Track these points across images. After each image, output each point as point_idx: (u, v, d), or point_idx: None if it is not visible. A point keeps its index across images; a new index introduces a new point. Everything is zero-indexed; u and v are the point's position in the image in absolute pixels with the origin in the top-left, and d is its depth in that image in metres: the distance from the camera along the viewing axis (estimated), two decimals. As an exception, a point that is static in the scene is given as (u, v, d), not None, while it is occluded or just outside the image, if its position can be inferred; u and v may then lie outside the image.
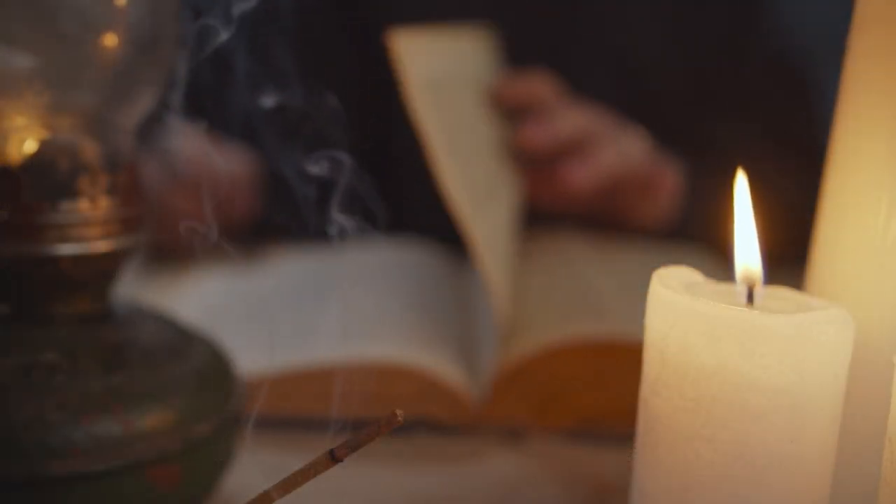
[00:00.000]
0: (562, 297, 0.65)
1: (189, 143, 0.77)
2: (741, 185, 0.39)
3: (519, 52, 0.84)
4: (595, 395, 0.57)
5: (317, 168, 0.44)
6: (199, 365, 0.45)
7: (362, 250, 0.73)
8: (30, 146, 0.43)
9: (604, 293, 0.66)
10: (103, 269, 0.44)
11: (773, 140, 0.83)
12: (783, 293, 0.39)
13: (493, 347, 0.60)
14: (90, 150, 0.43)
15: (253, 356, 0.56)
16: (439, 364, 0.57)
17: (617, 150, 0.75)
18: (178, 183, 0.75)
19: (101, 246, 0.43)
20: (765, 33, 0.95)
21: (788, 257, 0.45)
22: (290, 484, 0.33)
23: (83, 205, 0.42)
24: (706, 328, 0.35)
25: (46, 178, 0.42)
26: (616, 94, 0.84)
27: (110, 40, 0.43)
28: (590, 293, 0.66)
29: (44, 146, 0.43)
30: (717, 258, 0.65)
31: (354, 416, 0.34)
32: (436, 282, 0.73)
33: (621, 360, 0.54)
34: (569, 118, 0.73)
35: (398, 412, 0.31)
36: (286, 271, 0.74)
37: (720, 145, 0.80)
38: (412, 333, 0.60)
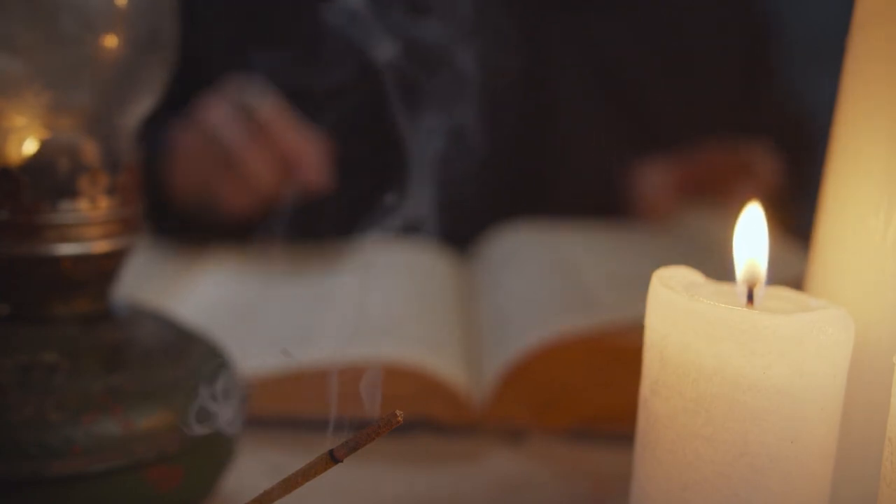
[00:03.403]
0: (552, 293, 0.65)
1: (268, 104, 0.76)
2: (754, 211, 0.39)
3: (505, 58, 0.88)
4: (595, 395, 0.57)
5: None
6: (199, 365, 0.45)
7: (366, 251, 0.73)
8: (30, 146, 0.43)
9: (594, 286, 0.66)
10: (103, 269, 0.44)
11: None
12: (783, 293, 0.39)
13: (493, 348, 0.60)
14: (90, 150, 0.43)
15: (253, 356, 0.56)
16: (440, 364, 0.57)
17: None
18: (253, 141, 0.75)
19: (101, 246, 0.43)
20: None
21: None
22: (290, 484, 0.33)
23: (83, 205, 0.42)
24: (706, 328, 0.35)
25: (46, 178, 0.42)
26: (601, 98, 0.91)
27: (110, 40, 0.43)
28: (580, 286, 0.66)
29: (44, 146, 0.43)
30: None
31: (354, 416, 0.34)
32: (438, 282, 0.73)
33: (621, 359, 0.54)
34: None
35: (398, 412, 0.31)
36: (288, 271, 0.74)
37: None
38: (414, 333, 0.60)
